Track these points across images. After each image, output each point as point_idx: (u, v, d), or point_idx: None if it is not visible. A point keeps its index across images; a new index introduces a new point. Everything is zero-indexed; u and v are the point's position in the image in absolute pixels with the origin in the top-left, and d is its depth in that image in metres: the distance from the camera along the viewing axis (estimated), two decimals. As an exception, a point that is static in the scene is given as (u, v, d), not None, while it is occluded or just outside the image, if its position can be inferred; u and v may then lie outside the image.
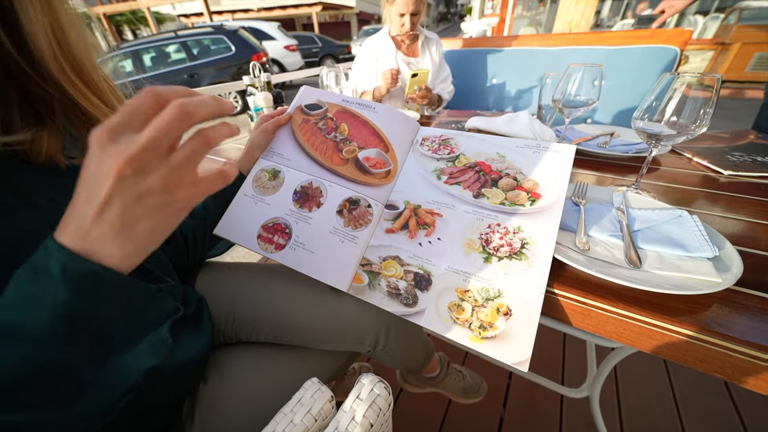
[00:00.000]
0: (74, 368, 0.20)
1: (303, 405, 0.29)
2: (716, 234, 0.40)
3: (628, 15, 6.33)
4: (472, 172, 0.47)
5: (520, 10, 9.34)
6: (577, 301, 0.36)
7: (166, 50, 5.01)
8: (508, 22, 5.61)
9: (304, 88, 0.59)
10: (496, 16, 6.04)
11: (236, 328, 0.47)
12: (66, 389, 0.20)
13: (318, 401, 0.30)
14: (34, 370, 0.19)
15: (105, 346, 0.21)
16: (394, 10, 1.14)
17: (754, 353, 0.29)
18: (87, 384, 0.21)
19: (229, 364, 0.43)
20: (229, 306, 0.48)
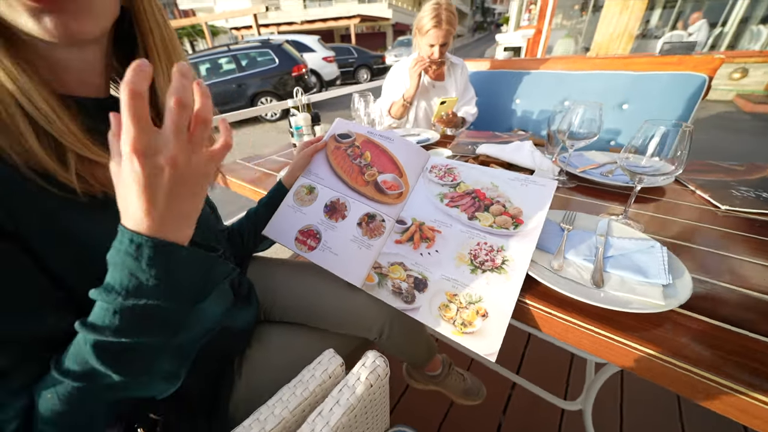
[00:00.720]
0: (174, 312, 0.29)
1: (321, 365, 0.40)
2: (679, 264, 0.46)
3: (678, 26, 5.95)
4: (469, 198, 0.56)
5: (560, 19, 9.09)
6: (545, 311, 0.44)
7: (219, 62, 5.53)
8: (545, 33, 5.52)
9: (337, 120, 0.71)
10: (532, 27, 5.97)
11: (275, 309, 0.60)
12: (172, 325, 0.30)
13: (332, 365, 0.41)
14: (153, 313, 0.28)
15: (189, 297, 0.30)
16: (424, 41, 1.25)
17: (684, 365, 0.35)
18: (182, 322, 0.31)
19: (268, 336, 0.55)
20: (270, 292, 0.61)
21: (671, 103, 1.22)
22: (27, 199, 0.29)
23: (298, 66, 5.61)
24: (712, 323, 0.39)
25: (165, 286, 0.27)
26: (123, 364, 0.27)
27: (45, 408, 0.27)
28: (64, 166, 0.30)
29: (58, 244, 0.30)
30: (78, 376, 0.27)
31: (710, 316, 0.40)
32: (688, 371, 0.35)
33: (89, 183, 0.31)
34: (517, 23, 7.56)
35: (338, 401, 0.36)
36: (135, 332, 0.27)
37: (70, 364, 0.27)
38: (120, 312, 0.26)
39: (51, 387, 0.27)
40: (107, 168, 0.30)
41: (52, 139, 0.29)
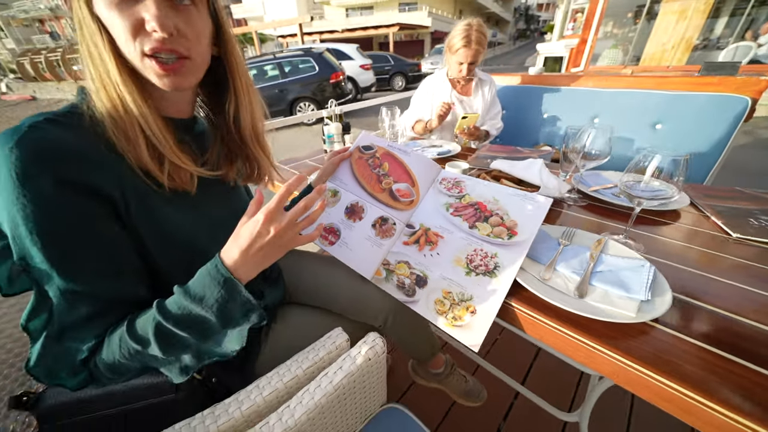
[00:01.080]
0: (212, 326, 0.39)
1: (331, 339, 0.49)
2: (664, 284, 0.49)
3: (747, 35, 5.41)
4: (472, 209, 0.62)
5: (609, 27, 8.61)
6: (529, 315, 0.49)
7: (264, 69, 5.97)
8: (590, 43, 5.30)
9: (362, 133, 0.81)
10: (576, 37, 5.75)
11: (298, 292, 0.71)
12: (206, 334, 0.40)
13: (339, 339, 0.49)
14: (200, 320, 0.38)
15: (226, 320, 0.39)
16: (454, 59, 1.32)
17: (649, 372, 0.39)
18: (212, 335, 0.40)
19: (291, 314, 0.65)
20: (296, 277, 0.72)
21: (708, 125, 1.18)
22: (132, 182, 0.40)
23: (335, 73, 5.89)
24: (683, 338, 0.42)
25: (217, 305, 0.37)
26: (165, 345, 0.38)
27: (108, 351, 0.38)
28: (161, 167, 0.41)
29: (146, 221, 0.42)
30: (137, 340, 0.37)
31: (684, 333, 0.43)
32: (648, 376, 0.39)
33: (174, 181, 0.43)
34: (561, 32, 7.30)
35: (341, 367, 0.44)
36: (183, 327, 0.37)
37: (137, 329, 0.38)
38: (182, 309, 0.37)
39: (118, 340, 0.38)
40: (188, 171, 0.42)
41: (156, 148, 0.41)
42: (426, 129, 1.42)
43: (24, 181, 0.33)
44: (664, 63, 5.36)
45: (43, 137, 0.35)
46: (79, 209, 0.36)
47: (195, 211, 0.48)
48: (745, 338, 0.42)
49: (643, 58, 5.45)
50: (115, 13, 0.36)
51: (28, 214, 0.33)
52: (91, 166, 0.37)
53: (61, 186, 0.35)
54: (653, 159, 0.54)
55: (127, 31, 0.36)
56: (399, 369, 1.12)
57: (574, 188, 0.83)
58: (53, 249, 0.35)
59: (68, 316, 0.37)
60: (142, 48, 0.37)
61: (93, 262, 0.37)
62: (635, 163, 0.57)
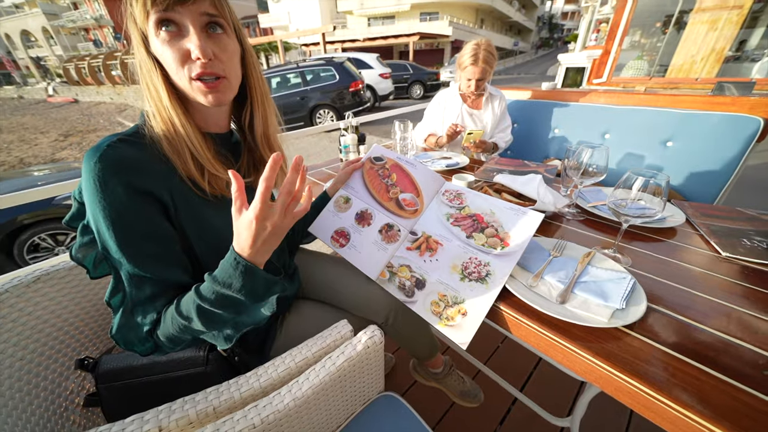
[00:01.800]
0: (243, 303, 0.46)
1: (336, 329, 0.56)
2: (641, 295, 0.53)
3: (784, 48, 5.14)
4: (470, 220, 0.68)
5: (637, 37, 8.38)
6: (515, 317, 0.55)
7: (287, 77, 6.23)
8: (613, 54, 5.20)
9: (374, 146, 0.89)
10: (599, 48, 5.66)
11: (310, 288, 0.79)
12: (239, 309, 0.47)
13: (344, 330, 0.56)
14: (232, 300, 0.45)
15: (255, 298, 0.47)
16: (463, 75, 1.40)
17: (614, 371, 0.44)
18: (245, 310, 0.48)
19: (304, 308, 0.73)
20: (309, 274, 0.80)
21: (720, 145, 1.19)
22: (180, 188, 0.50)
23: (355, 82, 6.08)
24: (651, 344, 0.47)
25: (244, 289, 0.44)
26: (206, 321, 0.45)
27: (164, 326, 0.47)
28: (202, 176, 0.51)
29: (191, 221, 0.51)
30: (183, 318, 0.46)
31: (652, 338, 0.47)
32: (613, 374, 0.44)
33: (213, 188, 0.52)
34: (584, 43, 7.18)
35: (343, 352, 0.51)
36: (218, 306, 0.45)
37: (182, 308, 0.46)
38: (214, 293, 0.44)
39: (170, 317, 0.47)
40: (224, 179, 0.51)
41: (197, 161, 0.50)
42: (437, 144, 1.50)
43: (104, 187, 0.42)
44: (692, 75, 5.18)
45: (117, 154, 0.44)
46: (142, 209, 0.45)
47: (228, 213, 0.57)
48: (711, 348, 0.46)
49: (670, 69, 5.29)
50: (167, 48, 0.45)
51: (107, 213, 0.43)
52: (151, 176, 0.47)
53: (129, 191, 0.44)
54: (637, 180, 0.58)
55: (177, 61, 0.45)
56: (401, 368, 1.18)
57: (573, 203, 0.88)
58: (123, 240, 0.44)
59: (136, 295, 0.46)
60: (190, 74, 0.46)
61: (152, 251, 0.46)
62: (623, 181, 0.62)
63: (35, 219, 2.20)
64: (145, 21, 0.44)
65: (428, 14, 25.76)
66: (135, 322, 0.47)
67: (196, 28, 0.45)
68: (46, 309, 0.60)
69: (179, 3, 0.43)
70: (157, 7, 0.43)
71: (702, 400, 0.39)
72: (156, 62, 0.47)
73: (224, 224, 0.55)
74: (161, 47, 0.45)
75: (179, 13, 0.44)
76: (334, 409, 0.54)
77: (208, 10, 0.46)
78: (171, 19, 0.44)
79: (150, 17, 0.44)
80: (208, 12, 0.46)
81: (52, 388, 0.57)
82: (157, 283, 0.47)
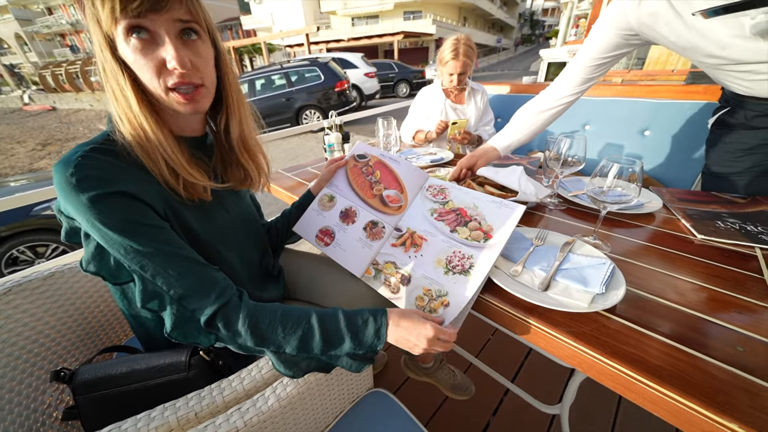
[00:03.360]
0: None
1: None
2: (620, 279, 0.54)
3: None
4: (454, 215, 0.69)
5: (616, 33, 8.61)
6: (499, 307, 0.55)
7: (272, 78, 6.17)
8: (594, 49, 5.32)
9: (358, 143, 0.88)
10: (579, 42, 5.79)
11: (297, 288, 0.78)
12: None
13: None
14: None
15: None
16: (445, 70, 1.40)
17: (594, 354, 0.45)
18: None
19: (289, 309, 0.72)
20: (294, 275, 0.79)
21: (694, 132, 1.23)
22: (163, 193, 0.48)
23: (340, 82, 6.05)
24: (630, 326, 0.48)
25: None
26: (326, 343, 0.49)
27: (255, 320, 0.47)
28: (177, 182, 0.49)
29: (177, 225, 0.50)
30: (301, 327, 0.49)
31: (631, 321, 0.48)
32: (594, 357, 0.44)
33: (189, 192, 0.51)
34: (564, 38, 7.34)
35: (330, 350, 0.51)
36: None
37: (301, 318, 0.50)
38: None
39: (273, 315, 0.48)
40: (200, 184, 0.50)
41: (172, 167, 0.48)
42: (426, 140, 1.50)
43: (94, 200, 0.40)
44: (668, 67, 5.35)
45: (94, 164, 0.42)
46: (136, 209, 0.44)
47: (207, 218, 0.56)
48: (688, 327, 0.47)
49: (647, 62, 5.44)
50: (139, 56, 0.43)
51: (109, 225, 0.41)
52: (134, 182, 0.45)
53: (118, 195, 0.42)
54: (612, 167, 0.59)
55: (152, 71, 0.44)
56: (393, 366, 1.18)
57: (554, 193, 0.89)
58: (139, 245, 0.43)
59: (179, 290, 0.45)
60: (166, 84, 0.45)
61: (170, 245, 0.46)
62: (599, 169, 0.63)
63: (12, 231, 2.12)
64: (113, 25, 0.41)
65: (412, 13, 25.85)
66: (189, 315, 0.46)
67: (170, 36, 0.43)
68: (18, 321, 0.58)
69: (153, 11, 0.41)
70: (127, 15, 0.40)
71: (680, 378, 0.40)
72: (123, 66, 0.44)
73: (203, 229, 0.54)
74: (132, 55, 0.43)
75: (152, 20, 0.42)
76: (321, 408, 0.54)
77: (182, 17, 0.44)
78: (143, 26, 0.42)
79: (119, 22, 0.41)
80: (182, 18, 0.44)
81: (27, 403, 0.55)
82: (191, 271, 0.46)
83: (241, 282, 0.60)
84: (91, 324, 0.70)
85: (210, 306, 0.46)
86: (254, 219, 0.70)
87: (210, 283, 0.48)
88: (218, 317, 0.46)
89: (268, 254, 0.72)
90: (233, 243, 0.59)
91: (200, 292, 0.46)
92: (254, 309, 0.49)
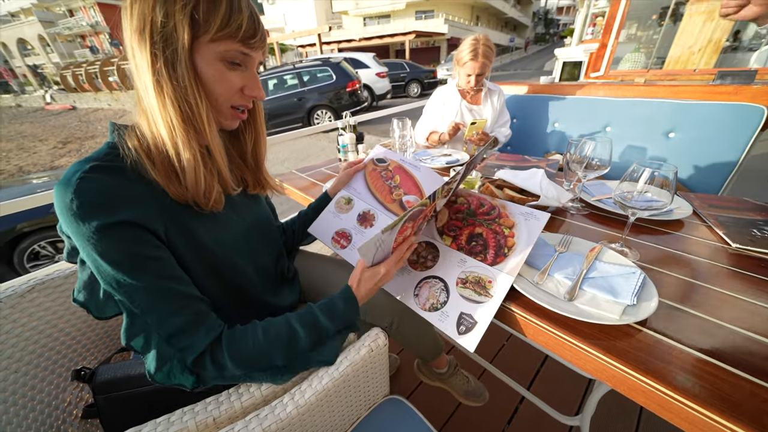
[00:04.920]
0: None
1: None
2: (653, 290, 0.52)
3: (783, 37, 5.11)
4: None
5: (633, 30, 8.35)
6: (523, 316, 0.53)
7: (284, 78, 6.22)
8: (610, 47, 5.17)
9: (377, 147, 0.87)
10: (596, 41, 5.63)
11: (311, 291, 0.77)
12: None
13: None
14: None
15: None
16: (462, 71, 1.38)
17: (627, 369, 0.43)
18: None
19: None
20: (309, 278, 0.78)
21: (723, 135, 1.17)
22: (172, 210, 0.45)
23: (352, 82, 6.06)
24: (664, 341, 0.45)
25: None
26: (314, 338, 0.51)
27: (235, 346, 0.46)
28: (204, 196, 0.47)
29: (186, 243, 0.47)
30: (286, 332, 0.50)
31: (665, 335, 0.46)
32: (626, 372, 0.42)
33: (214, 203, 0.49)
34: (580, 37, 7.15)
35: (346, 357, 0.50)
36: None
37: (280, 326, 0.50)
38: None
39: (255, 333, 0.48)
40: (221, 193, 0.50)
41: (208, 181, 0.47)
42: (440, 141, 1.48)
43: (89, 228, 0.38)
44: (690, 66, 5.15)
45: (94, 187, 0.39)
46: (138, 239, 0.41)
47: (219, 226, 0.53)
48: (729, 344, 0.44)
49: (667, 61, 5.26)
50: (230, 75, 0.45)
51: (102, 255, 0.39)
52: (135, 204, 0.41)
53: (117, 225, 0.39)
54: (644, 172, 0.57)
55: (232, 90, 0.46)
56: (406, 369, 1.16)
57: (576, 197, 0.86)
58: (131, 278, 0.40)
59: (169, 327, 0.42)
60: (234, 103, 0.48)
61: (167, 281, 0.43)
62: (630, 173, 0.60)
63: (35, 227, 2.19)
64: (226, 41, 0.42)
65: (423, 12, 25.73)
66: (175, 355, 0.44)
67: (255, 65, 0.48)
68: (41, 319, 0.59)
69: (261, 44, 0.46)
70: (246, 44, 0.44)
71: (721, 398, 0.37)
72: (197, 79, 0.43)
73: (215, 239, 0.52)
74: (221, 73, 0.44)
75: (256, 50, 0.46)
76: (338, 414, 0.53)
77: (263, 58, 0.49)
78: (248, 53, 0.45)
79: (232, 44, 0.43)
80: (262, 60, 0.49)
81: (48, 401, 0.55)
82: (184, 308, 0.44)
83: (256, 289, 0.59)
84: (109, 322, 0.71)
85: (200, 343, 0.44)
86: (270, 223, 0.69)
87: (200, 319, 0.45)
88: (206, 355, 0.44)
89: (283, 257, 0.71)
90: (247, 250, 0.59)
91: (190, 330, 0.44)
92: (234, 339, 0.46)
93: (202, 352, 0.43)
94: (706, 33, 5.13)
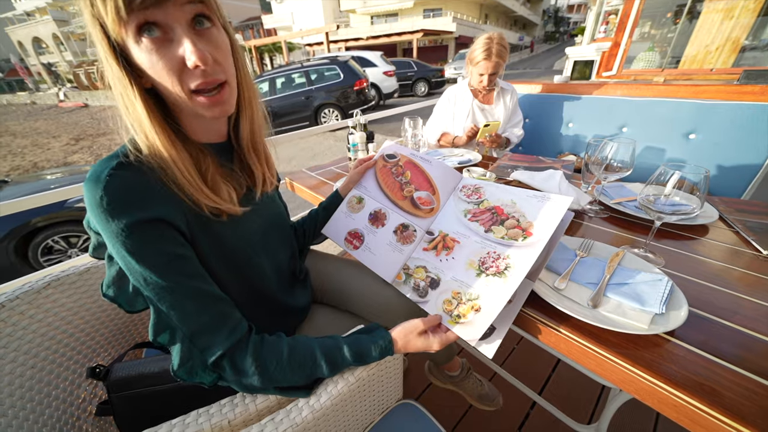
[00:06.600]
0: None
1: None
2: (681, 298, 0.49)
3: (804, 35, 4.93)
4: (489, 213, 0.65)
5: (647, 29, 8.15)
6: (543, 323, 0.52)
7: (292, 77, 6.23)
8: (623, 46, 5.06)
9: (387, 142, 0.86)
10: (608, 40, 5.51)
11: (322, 292, 0.76)
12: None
13: (362, 336, 0.54)
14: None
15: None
16: (475, 70, 1.35)
17: (657, 381, 0.41)
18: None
19: (316, 315, 0.71)
20: (320, 277, 0.77)
21: (748, 136, 1.13)
22: (193, 212, 0.45)
23: (359, 81, 6.05)
24: (696, 352, 0.43)
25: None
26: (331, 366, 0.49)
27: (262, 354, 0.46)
28: (201, 206, 0.45)
29: (204, 239, 0.47)
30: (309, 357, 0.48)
31: (697, 346, 0.44)
32: (655, 385, 0.40)
33: (221, 211, 0.48)
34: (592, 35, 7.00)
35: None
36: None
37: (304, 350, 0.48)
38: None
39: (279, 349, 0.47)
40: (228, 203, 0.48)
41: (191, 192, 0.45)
42: (454, 144, 1.45)
43: (120, 224, 0.38)
44: (706, 66, 5.01)
45: (122, 184, 0.39)
46: (167, 238, 0.41)
47: (239, 227, 0.52)
48: (765, 356, 0.42)
49: (683, 60, 5.12)
50: (156, 59, 0.38)
51: (131, 251, 0.39)
52: (162, 202, 0.41)
53: (147, 222, 0.39)
54: (673, 175, 0.54)
55: (172, 74, 0.39)
56: (415, 369, 1.15)
57: (595, 200, 0.83)
58: (158, 274, 0.40)
59: (193, 325, 0.42)
60: (189, 87, 0.40)
61: (193, 280, 0.43)
62: (656, 176, 0.58)
63: (49, 222, 2.23)
64: (121, 27, 0.36)
65: (432, 11, 25.55)
66: (198, 353, 0.44)
67: (183, 27, 0.38)
68: (56, 315, 0.59)
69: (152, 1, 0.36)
70: (133, 10, 0.35)
71: (762, 415, 0.35)
72: (131, 76, 0.40)
73: (234, 240, 0.51)
74: (148, 59, 0.38)
75: (162, 11, 0.37)
76: (352, 419, 0.52)
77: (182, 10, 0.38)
78: (152, 20, 0.37)
79: (128, 23, 0.36)
80: (191, 0, 0.38)
81: (63, 397, 0.56)
82: (207, 307, 0.44)
83: (271, 289, 0.59)
84: (122, 320, 0.71)
85: (220, 345, 0.43)
86: (285, 221, 0.68)
87: (223, 319, 0.45)
88: (226, 358, 0.44)
89: (295, 257, 0.71)
90: (264, 249, 0.58)
91: (212, 330, 0.43)
92: (261, 351, 0.46)
93: (222, 354, 0.43)
94: (725, 31, 4.98)
